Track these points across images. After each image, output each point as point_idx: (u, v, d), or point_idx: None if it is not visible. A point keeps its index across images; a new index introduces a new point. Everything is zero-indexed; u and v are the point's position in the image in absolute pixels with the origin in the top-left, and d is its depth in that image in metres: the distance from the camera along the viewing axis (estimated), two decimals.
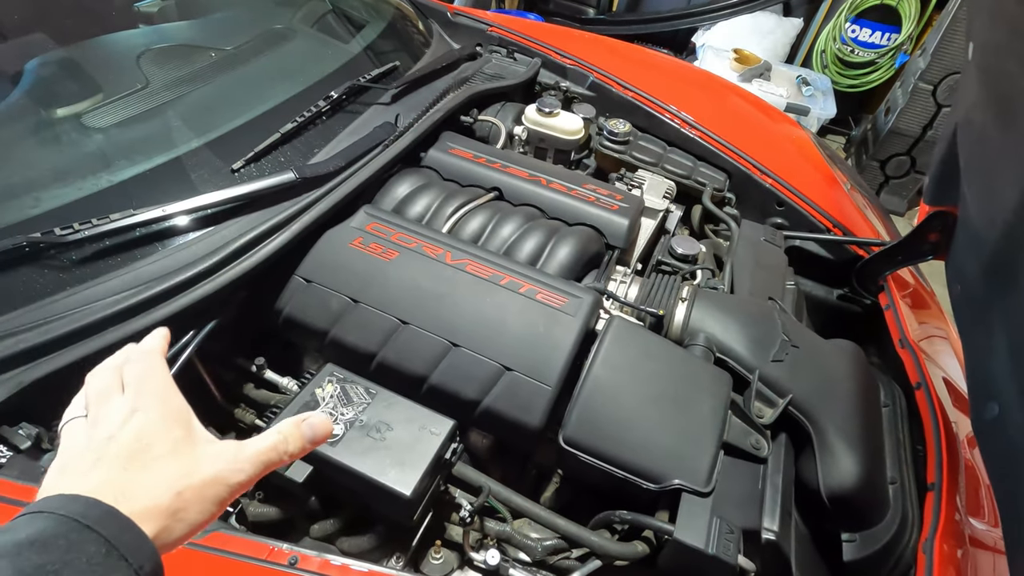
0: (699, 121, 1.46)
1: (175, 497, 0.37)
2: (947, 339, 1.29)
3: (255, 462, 0.41)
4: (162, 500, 0.37)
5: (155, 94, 1.01)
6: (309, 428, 0.45)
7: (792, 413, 0.89)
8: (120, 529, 0.35)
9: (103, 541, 0.34)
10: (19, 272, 0.75)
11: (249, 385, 0.95)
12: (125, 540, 0.34)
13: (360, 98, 1.19)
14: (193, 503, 0.38)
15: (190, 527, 0.38)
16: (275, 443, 0.43)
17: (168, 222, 0.84)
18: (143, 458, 0.38)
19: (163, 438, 0.39)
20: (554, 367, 0.82)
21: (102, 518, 0.34)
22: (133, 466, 0.38)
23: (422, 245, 0.94)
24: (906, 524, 0.88)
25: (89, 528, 0.33)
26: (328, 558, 0.58)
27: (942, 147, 1.07)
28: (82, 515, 0.34)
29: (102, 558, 0.33)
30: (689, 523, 0.73)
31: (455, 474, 0.80)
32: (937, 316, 1.35)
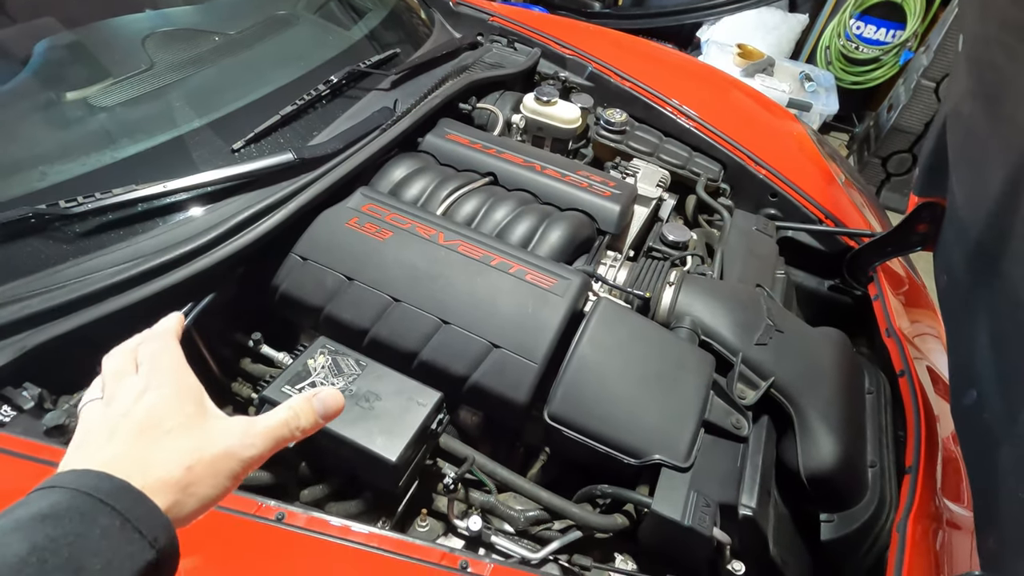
0: (697, 113, 1.47)
1: (186, 471, 0.38)
2: (936, 333, 1.31)
3: (266, 437, 0.42)
4: (174, 473, 0.37)
5: (159, 75, 1.04)
6: (320, 403, 0.45)
7: (774, 396, 0.91)
8: (133, 502, 0.35)
9: (116, 514, 0.34)
10: (25, 242, 0.77)
11: (246, 360, 0.98)
12: (138, 513, 0.35)
13: (360, 83, 1.21)
14: (204, 477, 0.38)
15: (202, 501, 0.39)
16: (286, 418, 0.43)
17: (169, 198, 0.87)
18: (155, 432, 0.39)
19: (175, 413, 0.40)
20: (541, 345, 0.85)
21: (115, 491, 0.35)
22: (145, 440, 0.39)
23: (416, 226, 0.96)
24: (883, 506, 0.90)
25: (102, 502, 0.34)
26: (314, 514, 0.61)
27: (932, 139, 1.08)
28: (95, 488, 0.35)
29: (116, 531, 0.34)
30: (667, 496, 0.75)
31: (442, 446, 0.83)
32: (929, 310, 1.36)
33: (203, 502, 0.39)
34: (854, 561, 0.88)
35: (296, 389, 0.72)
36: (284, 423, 0.43)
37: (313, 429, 0.45)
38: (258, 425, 0.42)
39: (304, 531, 0.59)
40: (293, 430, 0.44)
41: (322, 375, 0.75)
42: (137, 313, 0.76)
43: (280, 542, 0.58)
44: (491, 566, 0.61)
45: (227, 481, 0.40)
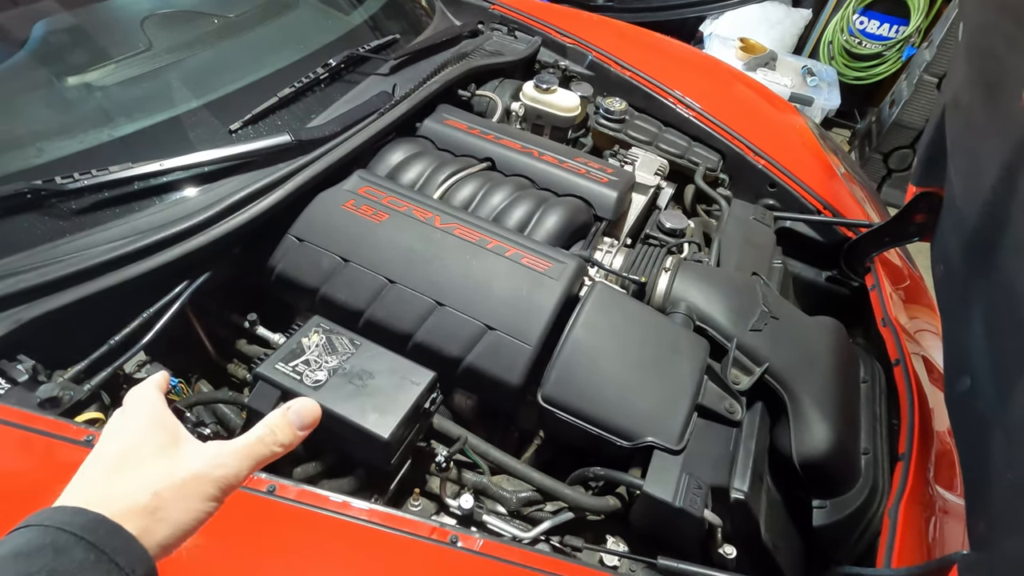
0: (695, 101, 1.47)
1: (152, 497, 0.38)
2: (933, 326, 1.30)
3: (239, 456, 0.42)
4: (139, 500, 0.37)
5: (157, 56, 1.04)
6: (295, 415, 0.45)
7: (768, 381, 0.91)
8: (108, 534, 0.35)
9: (91, 547, 0.34)
10: (20, 217, 0.78)
11: (242, 341, 0.98)
12: (115, 545, 0.35)
13: (359, 68, 1.21)
14: (173, 501, 0.38)
15: (175, 527, 0.38)
16: (261, 435, 0.43)
17: (166, 177, 0.87)
18: (124, 465, 0.39)
19: (146, 444, 0.40)
20: (535, 328, 0.85)
21: (88, 524, 0.35)
22: (115, 472, 0.39)
23: (412, 209, 0.96)
24: (876, 493, 0.91)
25: (76, 535, 0.34)
26: (305, 487, 0.61)
27: (930, 129, 1.08)
28: (67, 523, 0.34)
29: (91, 564, 0.33)
30: (659, 478, 0.75)
31: (436, 427, 0.83)
32: (926, 305, 1.36)
33: (177, 527, 0.38)
34: (845, 547, 0.88)
35: (290, 367, 0.73)
36: (259, 440, 0.43)
37: (294, 441, 0.45)
38: (231, 445, 0.42)
39: (295, 503, 0.59)
40: (271, 446, 0.43)
41: (316, 353, 0.75)
42: (133, 289, 0.77)
43: (271, 514, 0.58)
44: (481, 541, 0.61)
45: (201, 503, 0.39)
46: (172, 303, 0.81)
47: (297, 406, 0.46)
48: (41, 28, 1.02)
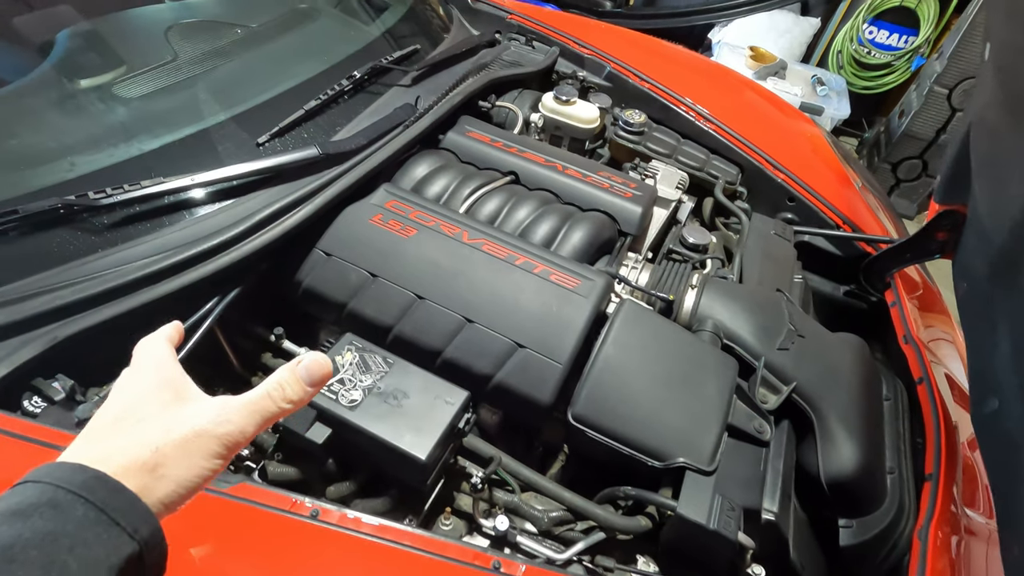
0: (714, 114, 1.47)
1: (153, 453, 0.36)
2: (952, 340, 1.31)
3: (244, 412, 0.40)
4: (139, 456, 0.36)
5: (183, 67, 1.03)
6: (305, 370, 0.43)
7: (795, 400, 0.91)
8: (108, 493, 0.33)
9: (90, 506, 0.32)
10: (54, 233, 0.77)
11: (267, 354, 0.98)
12: (116, 504, 0.33)
13: (381, 79, 1.20)
14: (174, 459, 0.37)
15: (178, 483, 0.37)
16: (269, 391, 0.41)
17: (196, 191, 0.87)
18: (127, 422, 0.38)
19: (150, 402, 0.39)
20: (566, 346, 0.85)
21: (87, 482, 0.33)
22: (117, 428, 0.38)
23: (440, 224, 0.96)
24: (902, 512, 0.91)
25: (74, 493, 0.32)
26: (347, 512, 0.61)
27: (954, 146, 1.08)
28: (66, 481, 0.33)
29: (91, 523, 0.32)
30: (692, 500, 0.75)
31: (466, 445, 0.83)
32: (944, 317, 1.36)
33: (179, 484, 0.37)
34: (872, 567, 0.88)
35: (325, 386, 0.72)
36: (266, 395, 0.41)
37: (303, 399, 0.43)
38: (236, 401, 0.40)
39: (338, 528, 0.59)
40: (279, 402, 0.41)
41: (350, 372, 0.75)
42: (165, 306, 0.76)
43: (314, 539, 0.58)
44: (523, 567, 0.61)
45: (204, 460, 0.38)
46: (204, 319, 0.80)
47: (307, 361, 0.43)
48: (65, 38, 1.01)
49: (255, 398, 0.41)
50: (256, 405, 0.40)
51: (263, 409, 0.41)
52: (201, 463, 0.38)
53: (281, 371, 0.43)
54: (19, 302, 0.70)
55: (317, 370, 0.43)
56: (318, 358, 0.44)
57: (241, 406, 0.40)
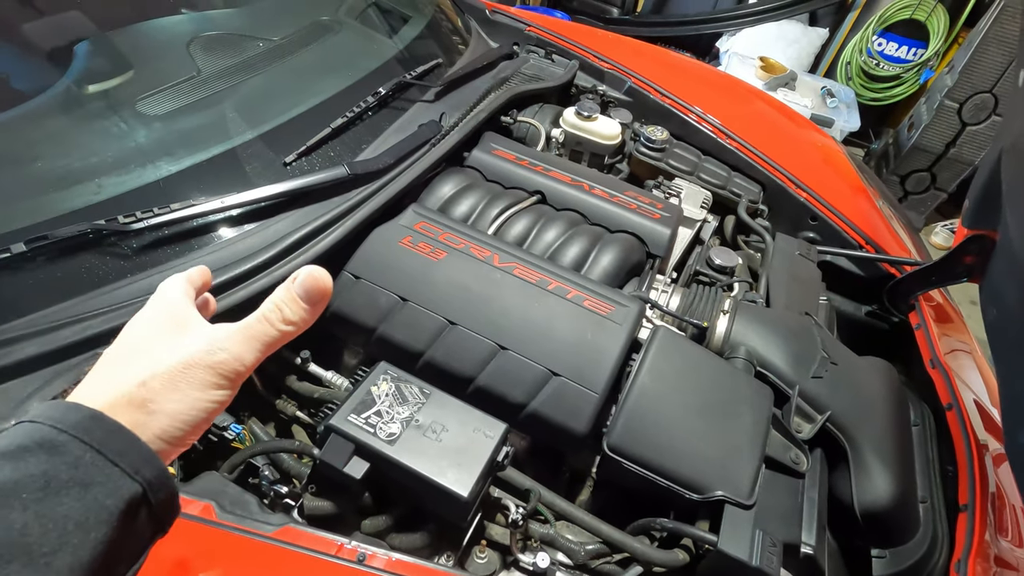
0: (733, 130, 1.46)
1: (139, 387, 0.35)
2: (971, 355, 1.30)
3: (239, 339, 0.38)
4: (125, 392, 0.34)
5: (207, 83, 1.02)
6: (300, 287, 0.40)
7: (829, 429, 0.90)
8: (106, 433, 0.32)
9: (86, 446, 0.31)
10: (83, 259, 0.76)
11: (292, 377, 0.96)
12: (114, 445, 0.31)
13: (404, 95, 1.19)
14: (163, 392, 0.35)
15: (172, 417, 0.35)
16: (265, 313, 0.39)
17: (225, 213, 0.85)
18: (123, 358, 0.37)
19: (149, 336, 0.37)
20: (601, 374, 0.83)
21: (82, 422, 0.32)
22: (112, 366, 0.36)
23: (470, 246, 0.94)
24: (936, 543, 0.90)
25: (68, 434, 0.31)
26: (392, 555, 0.59)
27: (985, 172, 1.07)
28: (60, 421, 0.31)
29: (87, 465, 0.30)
30: (733, 534, 0.74)
31: (500, 476, 0.81)
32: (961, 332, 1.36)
33: (174, 418, 0.35)
34: None
35: (362, 419, 0.71)
36: (263, 319, 0.39)
37: (303, 320, 0.40)
38: (231, 327, 0.38)
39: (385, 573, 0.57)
40: (277, 324, 0.39)
41: (387, 403, 0.73)
42: None
43: None
44: None
45: (198, 392, 0.36)
46: None
47: (302, 277, 0.40)
48: (84, 51, 0.99)
49: (251, 322, 0.38)
50: (252, 330, 0.38)
51: (261, 334, 0.38)
52: (195, 395, 0.36)
53: (277, 292, 0.40)
54: (50, 332, 0.68)
55: (313, 285, 0.40)
56: (313, 271, 0.40)
57: (236, 332, 0.38)
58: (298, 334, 0.40)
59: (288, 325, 0.39)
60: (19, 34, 0.96)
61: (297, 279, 0.40)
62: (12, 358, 0.66)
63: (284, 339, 0.39)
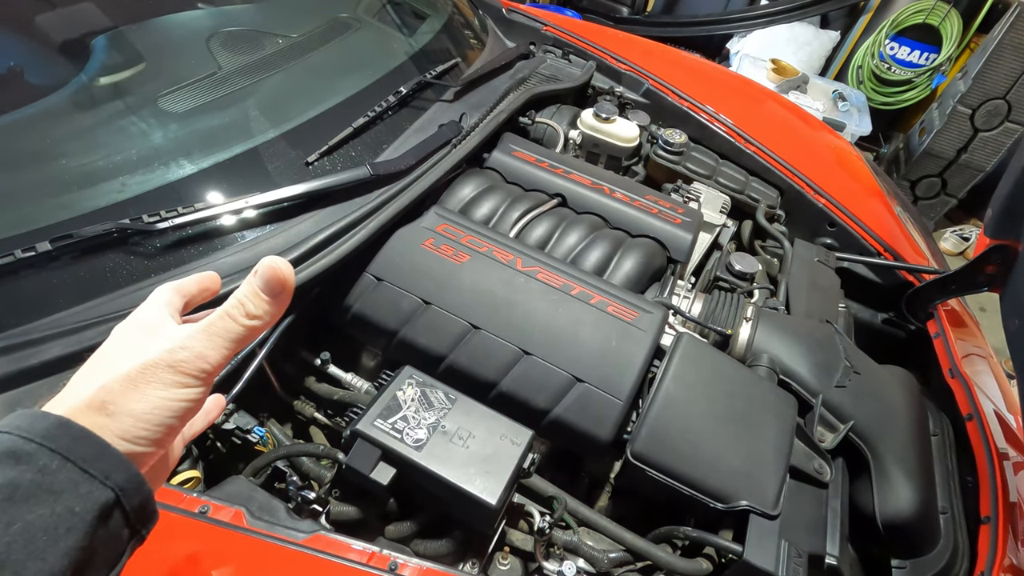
0: (751, 134, 1.45)
1: (99, 390, 0.34)
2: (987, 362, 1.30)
3: (201, 337, 0.37)
4: (83, 396, 0.34)
5: (227, 80, 1.01)
6: (260, 280, 0.38)
7: (852, 439, 0.89)
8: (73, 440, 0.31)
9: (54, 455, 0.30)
10: (107, 258, 0.75)
11: (311, 378, 0.95)
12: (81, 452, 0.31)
13: (423, 94, 1.18)
14: (122, 393, 0.34)
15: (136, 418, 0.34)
16: (227, 309, 0.38)
17: (248, 214, 0.84)
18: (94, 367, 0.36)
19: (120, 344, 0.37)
20: (626, 381, 0.83)
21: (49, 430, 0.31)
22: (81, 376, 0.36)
23: (493, 249, 0.94)
24: (956, 554, 0.90)
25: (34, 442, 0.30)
26: (423, 565, 0.59)
27: (1008, 182, 1.07)
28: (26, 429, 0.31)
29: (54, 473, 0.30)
30: (758, 545, 0.74)
31: (524, 483, 0.81)
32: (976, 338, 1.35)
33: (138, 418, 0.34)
34: None
35: (388, 424, 0.70)
36: (225, 315, 0.37)
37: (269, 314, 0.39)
38: (194, 326, 0.37)
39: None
40: (240, 319, 0.37)
41: (413, 409, 0.73)
42: None
43: None
44: None
45: (160, 391, 0.35)
46: (259, 349, 0.78)
47: (261, 269, 0.38)
48: (102, 47, 0.98)
49: (214, 319, 0.38)
50: (215, 327, 0.37)
51: (223, 331, 0.37)
52: (157, 394, 0.35)
53: (241, 286, 0.39)
54: (75, 332, 0.68)
55: (272, 276, 0.38)
56: (273, 262, 0.39)
57: (199, 330, 0.37)
58: (266, 328, 0.39)
59: (252, 320, 0.38)
60: (37, 29, 0.95)
61: (258, 271, 0.38)
62: (38, 359, 0.65)
63: (252, 334, 0.39)
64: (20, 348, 0.65)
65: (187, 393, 0.36)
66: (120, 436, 0.33)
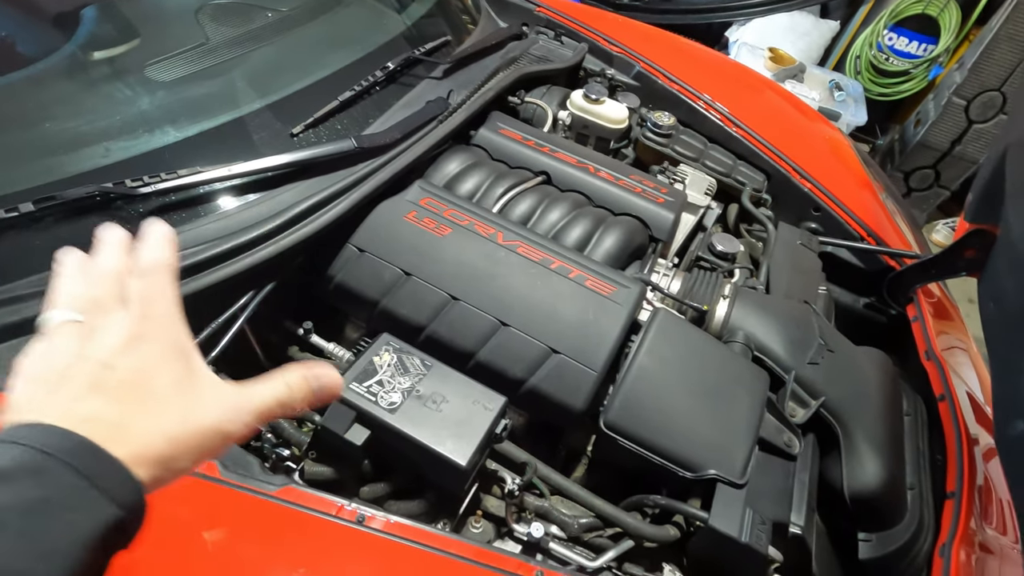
0: (741, 119, 1.46)
1: (169, 444, 0.34)
2: (967, 352, 1.31)
3: (256, 414, 0.38)
4: (155, 446, 0.34)
5: (215, 51, 1.01)
6: (316, 381, 0.41)
7: (823, 415, 0.91)
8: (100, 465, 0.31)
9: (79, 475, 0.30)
10: (90, 221, 0.76)
11: (294, 348, 0.97)
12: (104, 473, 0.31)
13: (412, 71, 1.18)
14: (187, 452, 0.35)
15: (179, 474, 0.35)
16: (280, 397, 0.39)
17: (231, 182, 0.85)
18: (140, 394, 0.35)
19: (165, 374, 0.36)
20: (601, 353, 0.84)
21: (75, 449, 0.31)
22: (129, 402, 0.34)
23: (474, 223, 0.95)
24: (922, 528, 0.92)
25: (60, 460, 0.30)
26: (391, 518, 0.61)
27: (989, 166, 1.08)
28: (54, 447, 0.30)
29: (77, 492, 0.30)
30: (724, 512, 0.76)
31: (497, 449, 0.83)
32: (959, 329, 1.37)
33: (178, 476, 0.35)
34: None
35: (364, 387, 0.72)
36: (276, 400, 0.39)
37: (304, 408, 0.41)
38: (251, 401, 0.38)
39: (384, 534, 0.59)
40: (285, 408, 0.40)
41: (388, 373, 0.74)
42: (203, 298, 0.75)
43: (360, 544, 0.58)
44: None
45: (205, 456, 0.36)
46: (240, 313, 0.80)
47: (320, 374, 0.41)
48: (92, 16, 0.99)
49: (268, 400, 0.39)
50: (266, 407, 0.39)
51: (270, 413, 0.39)
52: (202, 457, 0.36)
53: (294, 377, 0.40)
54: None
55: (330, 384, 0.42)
56: (333, 373, 0.42)
57: (255, 407, 0.38)
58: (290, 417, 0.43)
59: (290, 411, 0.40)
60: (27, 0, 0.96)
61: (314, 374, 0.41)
62: (19, 316, 0.67)
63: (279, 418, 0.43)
64: (1, 305, 0.66)
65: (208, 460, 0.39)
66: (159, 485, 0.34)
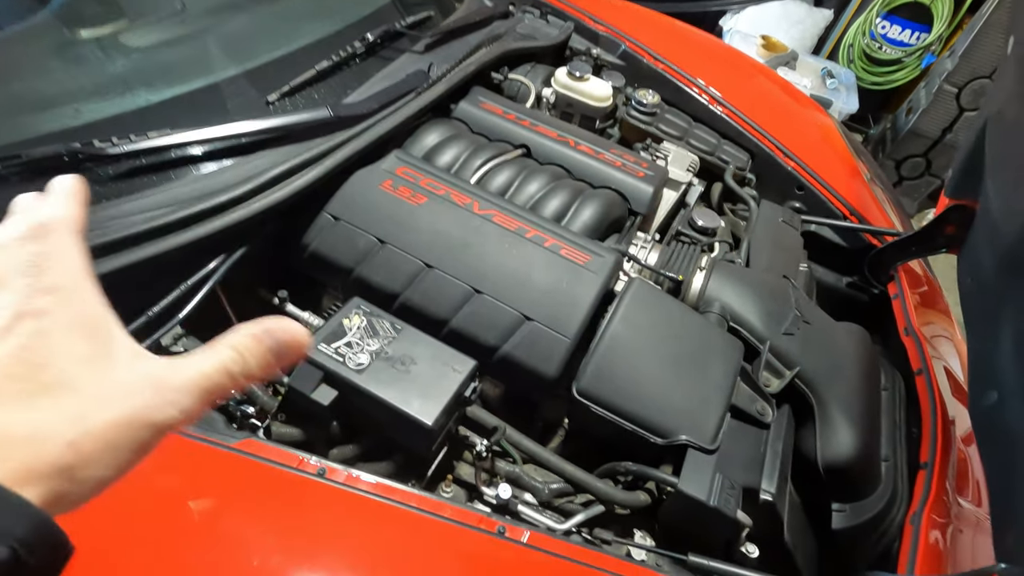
0: (727, 99, 1.46)
1: (67, 449, 0.25)
2: (950, 336, 1.32)
3: (194, 391, 0.29)
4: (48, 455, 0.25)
5: (193, 19, 1.01)
6: (271, 338, 0.31)
7: (798, 385, 0.91)
8: None
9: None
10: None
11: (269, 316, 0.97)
12: None
13: (394, 44, 1.18)
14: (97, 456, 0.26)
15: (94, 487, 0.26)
16: (226, 363, 0.30)
17: (204, 146, 0.85)
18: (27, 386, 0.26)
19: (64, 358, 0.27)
20: (574, 320, 0.84)
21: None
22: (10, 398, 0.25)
23: (451, 193, 0.94)
24: (895, 499, 0.92)
25: None
26: (353, 472, 0.61)
27: (969, 141, 1.07)
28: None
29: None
30: (693, 477, 0.76)
31: (469, 415, 0.83)
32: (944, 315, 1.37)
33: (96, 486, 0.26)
34: (863, 551, 0.90)
35: (332, 348, 0.72)
36: (223, 369, 0.30)
37: (268, 373, 0.32)
38: (182, 374, 0.29)
39: (344, 487, 0.59)
40: (237, 377, 0.30)
41: (357, 335, 0.74)
42: (172, 260, 0.75)
43: (320, 497, 0.58)
44: (527, 532, 0.61)
45: (131, 455, 0.27)
46: (209, 276, 0.79)
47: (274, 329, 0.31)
48: None
49: (210, 373, 0.29)
50: (208, 381, 0.29)
51: (215, 385, 0.30)
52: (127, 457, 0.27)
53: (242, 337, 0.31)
54: None
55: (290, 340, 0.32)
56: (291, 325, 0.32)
57: (189, 381, 0.29)
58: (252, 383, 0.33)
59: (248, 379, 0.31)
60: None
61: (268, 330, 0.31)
62: None
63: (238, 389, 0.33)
64: None
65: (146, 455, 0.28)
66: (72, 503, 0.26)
